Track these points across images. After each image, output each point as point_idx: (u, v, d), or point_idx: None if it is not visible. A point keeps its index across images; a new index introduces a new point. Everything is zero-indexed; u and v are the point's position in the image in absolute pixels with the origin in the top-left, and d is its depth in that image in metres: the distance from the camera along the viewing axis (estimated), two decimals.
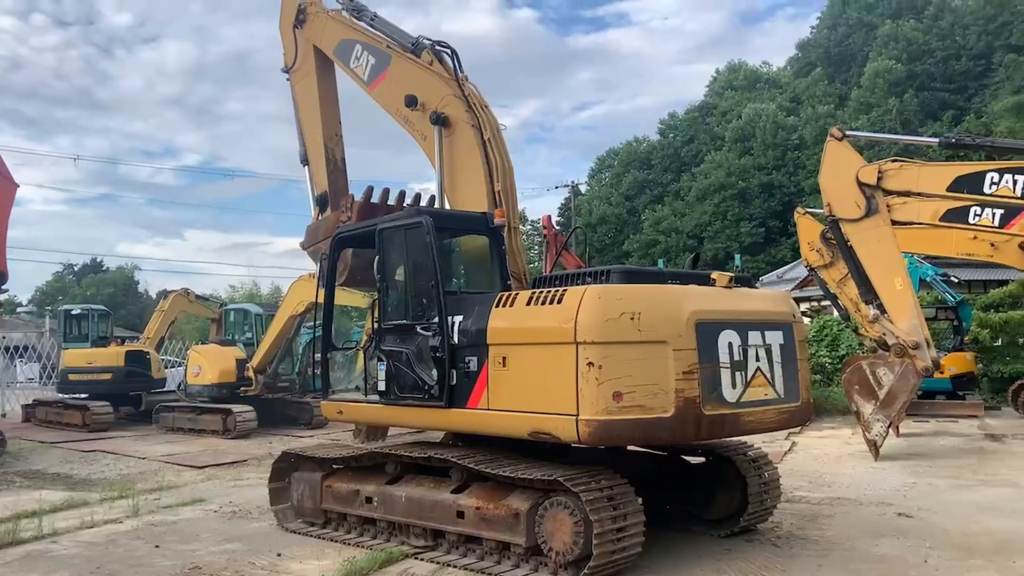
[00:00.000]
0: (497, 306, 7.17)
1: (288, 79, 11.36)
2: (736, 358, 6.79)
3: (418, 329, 7.67)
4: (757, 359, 6.97)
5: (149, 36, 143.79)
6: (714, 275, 7.30)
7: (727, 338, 6.76)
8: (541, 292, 6.91)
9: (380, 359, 8.09)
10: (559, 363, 6.49)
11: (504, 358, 6.98)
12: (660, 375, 6.38)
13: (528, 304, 6.91)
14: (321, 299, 8.92)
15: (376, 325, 8.31)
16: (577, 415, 6.35)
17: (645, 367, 6.37)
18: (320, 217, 10.91)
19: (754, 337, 6.97)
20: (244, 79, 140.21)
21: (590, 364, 6.33)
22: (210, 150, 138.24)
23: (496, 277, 8.33)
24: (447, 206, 9.15)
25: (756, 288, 8.19)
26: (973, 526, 8.42)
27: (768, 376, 7.06)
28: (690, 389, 6.45)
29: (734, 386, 6.77)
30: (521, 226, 8.76)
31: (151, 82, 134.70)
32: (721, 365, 6.69)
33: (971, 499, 9.84)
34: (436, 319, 7.47)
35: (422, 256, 7.68)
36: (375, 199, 10.07)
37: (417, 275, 7.83)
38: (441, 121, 8.87)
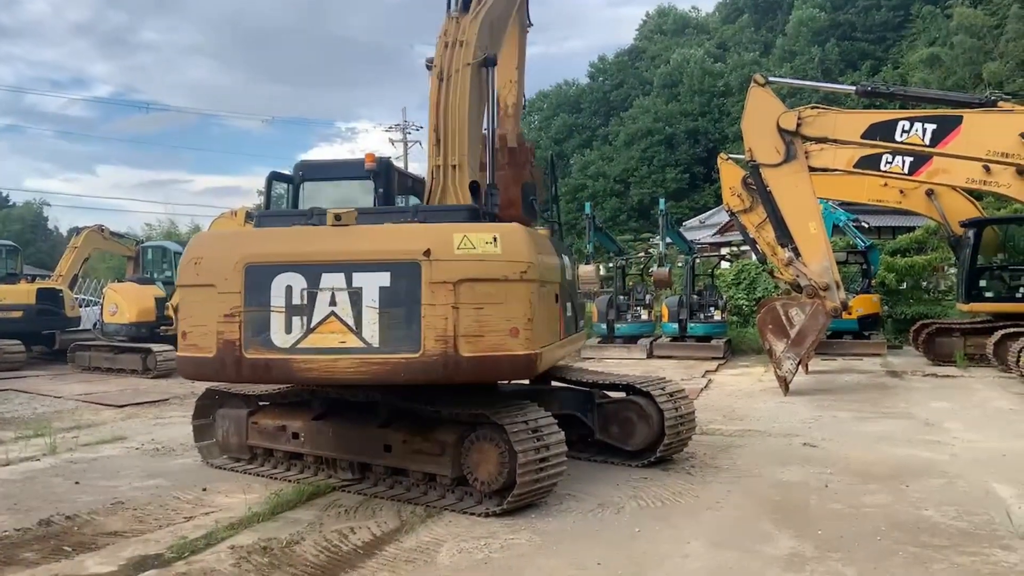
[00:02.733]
0: None
1: None
2: (296, 302, 6.49)
3: None
4: (332, 304, 6.45)
5: None
6: (330, 212, 6.87)
7: (285, 281, 6.51)
8: None
9: None
10: None
11: None
12: (208, 317, 6.70)
13: None
14: None
15: None
16: None
17: (199, 309, 6.78)
18: None
19: (331, 280, 6.45)
20: (160, 7, 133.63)
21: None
22: (124, 81, 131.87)
23: None
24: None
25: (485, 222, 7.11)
26: (871, 454, 8.99)
27: (350, 323, 6.43)
28: (230, 332, 6.60)
29: (288, 331, 6.50)
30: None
31: (59, 7, 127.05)
32: (273, 309, 6.51)
33: (871, 430, 10.47)
34: None
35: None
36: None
37: None
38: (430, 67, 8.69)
